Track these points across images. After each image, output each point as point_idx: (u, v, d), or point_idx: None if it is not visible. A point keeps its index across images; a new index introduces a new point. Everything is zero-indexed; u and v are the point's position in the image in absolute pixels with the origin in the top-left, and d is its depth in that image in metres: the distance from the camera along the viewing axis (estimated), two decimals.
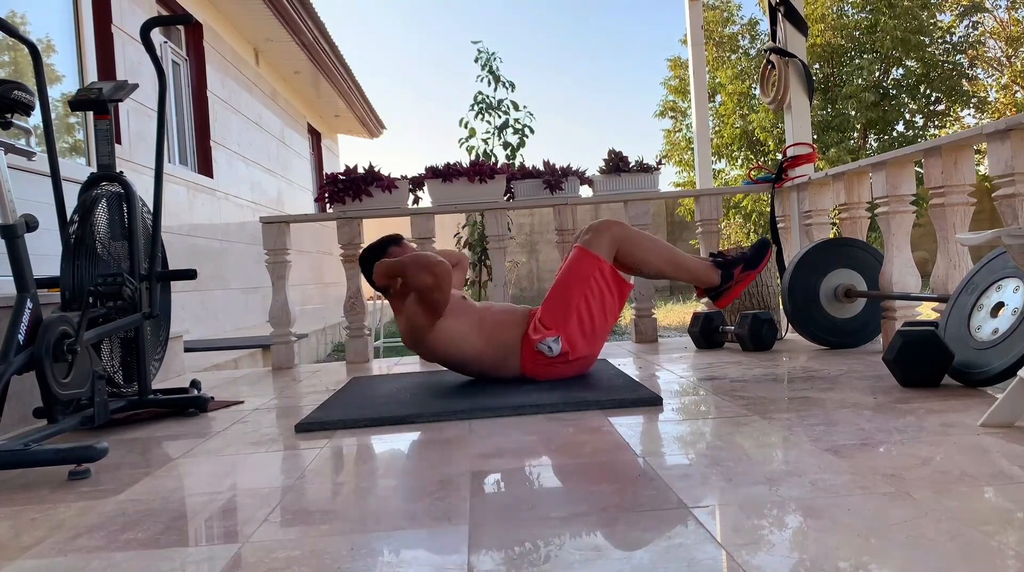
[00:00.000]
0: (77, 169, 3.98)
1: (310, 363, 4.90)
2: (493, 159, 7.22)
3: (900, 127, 12.67)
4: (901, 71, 12.75)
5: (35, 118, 2.08)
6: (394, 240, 2.76)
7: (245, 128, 7.56)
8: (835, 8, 12.59)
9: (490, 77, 7.40)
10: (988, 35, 14.40)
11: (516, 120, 7.48)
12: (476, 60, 7.44)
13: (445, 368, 2.74)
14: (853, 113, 12.03)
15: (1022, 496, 1.24)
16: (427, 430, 2.01)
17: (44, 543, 1.29)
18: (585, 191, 3.91)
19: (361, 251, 2.75)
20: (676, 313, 8.28)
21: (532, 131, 7.45)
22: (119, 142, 4.56)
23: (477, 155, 7.29)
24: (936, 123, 12.97)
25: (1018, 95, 14.17)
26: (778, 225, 3.82)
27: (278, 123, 9.03)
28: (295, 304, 3.89)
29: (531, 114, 7.46)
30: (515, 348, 2.55)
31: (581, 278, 2.55)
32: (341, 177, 3.74)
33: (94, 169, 2.57)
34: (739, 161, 13.10)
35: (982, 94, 13.60)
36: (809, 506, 1.23)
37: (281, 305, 3.75)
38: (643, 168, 3.83)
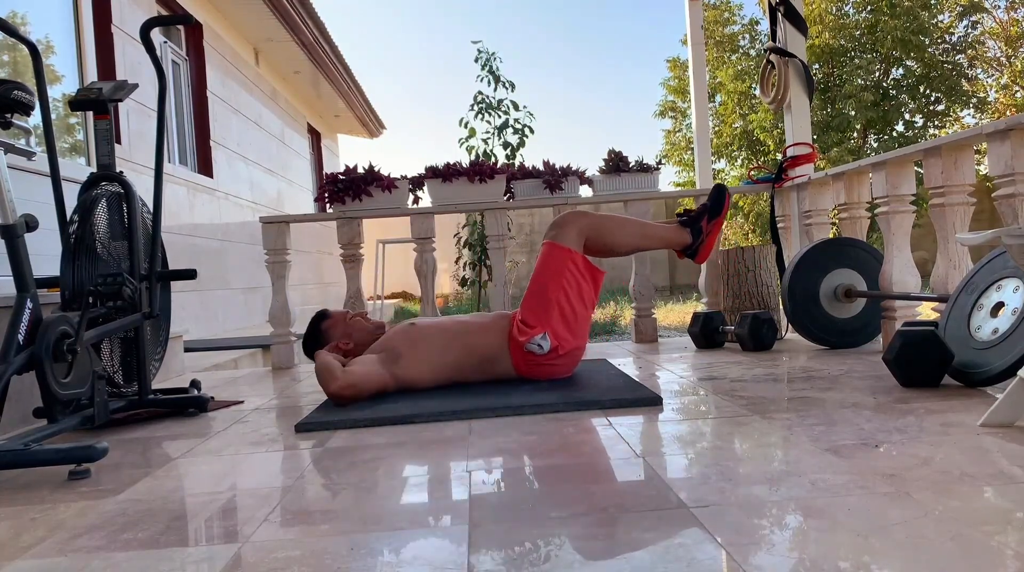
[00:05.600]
0: (77, 169, 3.98)
1: (310, 363, 4.90)
2: (493, 159, 7.22)
3: (900, 127, 12.67)
4: (901, 71, 12.74)
5: (35, 118, 2.08)
6: (321, 316, 2.75)
7: (245, 128, 7.56)
8: (833, 8, 12.59)
9: (490, 77, 7.40)
10: (988, 35, 14.39)
11: (516, 120, 7.48)
12: (476, 60, 7.44)
13: None
14: (853, 113, 12.03)
15: (1022, 496, 1.24)
16: (427, 430, 2.01)
17: (44, 543, 1.29)
18: (585, 191, 3.91)
19: (302, 343, 2.76)
20: (676, 313, 8.27)
21: (532, 131, 7.46)
22: (119, 142, 4.56)
23: (477, 155, 7.29)
24: (936, 123, 12.96)
25: (1018, 95, 14.16)
26: (778, 225, 3.82)
27: (278, 123, 9.03)
28: (295, 304, 3.89)
29: (531, 114, 7.47)
30: (500, 352, 2.54)
31: (556, 272, 2.56)
32: (341, 177, 3.74)
33: (94, 169, 2.57)
34: (739, 161, 13.10)
35: (982, 94, 13.60)
36: (809, 506, 1.23)
37: (281, 305, 3.75)
38: (643, 168, 3.83)
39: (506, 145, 7.45)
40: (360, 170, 3.76)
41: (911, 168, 2.93)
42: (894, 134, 12.55)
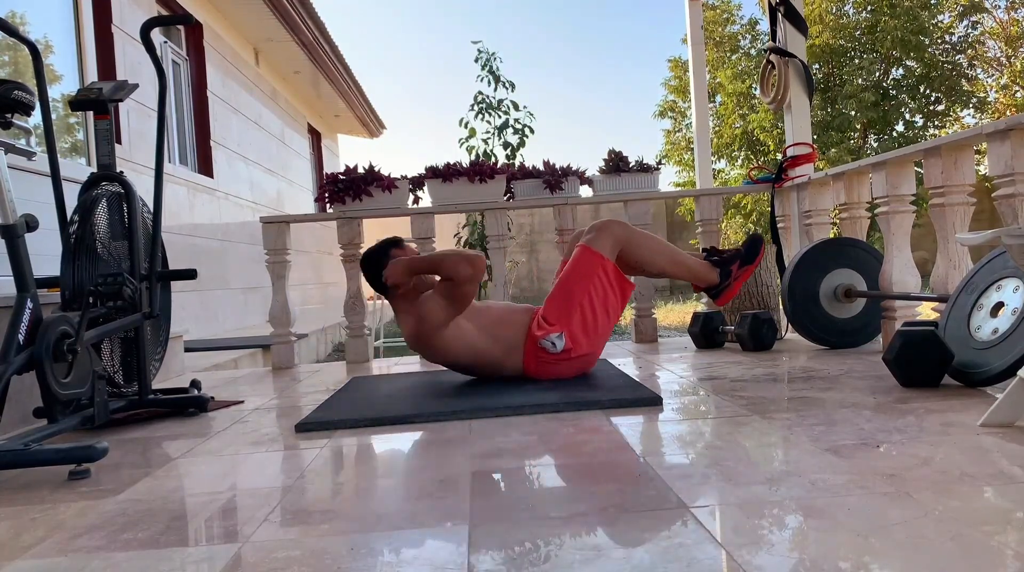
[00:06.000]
0: (77, 169, 3.98)
1: (310, 363, 4.90)
2: (493, 159, 7.22)
3: (900, 127, 12.67)
4: (901, 71, 12.75)
5: (35, 118, 2.08)
6: (394, 242, 2.73)
7: (245, 128, 7.56)
8: (834, 8, 12.59)
9: (490, 77, 7.39)
10: (988, 35, 14.39)
11: (516, 120, 7.47)
12: (476, 60, 7.43)
13: (446, 368, 2.74)
14: (853, 113, 12.03)
15: (1022, 496, 1.24)
16: (427, 430, 2.01)
17: (44, 543, 1.29)
18: (585, 191, 3.91)
19: (363, 254, 2.74)
20: (676, 313, 8.27)
21: (532, 131, 7.44)
22: (119, 142, 4.56)
23: (477, 155, 7.28)
24: (936, 123, 12.97)
25: (1018, 95, 14.16)
26: (778, 225, 3.82)
27: (278, 123, 9.03)
28: (295, 304, 3.88)
29: (531, 114, 7.46)
30: (518, 345, 2.55)
31: (585, 276, 2.56)
32: (341, 177, 3.74)
33: (94, 169, 2.57)
34: (739, 161, 13.10)
35: (982, 94, 13.60)
36: (809, 506, 1.23)
37: (281, 305, 3.75)
38: (643, 168, 3.83)
39: (506, 145, 7.44)
40: (360, 170, 3.76)
41: (911, 168, 2.93)
42: (894, 134, 12.55)
